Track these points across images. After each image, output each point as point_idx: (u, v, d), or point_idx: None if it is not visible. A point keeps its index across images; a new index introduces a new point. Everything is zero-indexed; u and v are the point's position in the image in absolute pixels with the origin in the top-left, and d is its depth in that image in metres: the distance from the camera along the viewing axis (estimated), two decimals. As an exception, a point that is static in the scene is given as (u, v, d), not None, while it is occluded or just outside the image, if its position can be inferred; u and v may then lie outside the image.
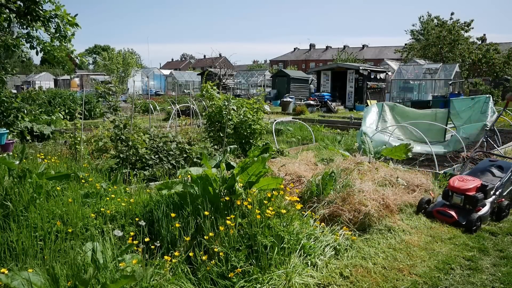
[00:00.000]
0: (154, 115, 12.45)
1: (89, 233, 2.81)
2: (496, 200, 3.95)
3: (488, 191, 3.85)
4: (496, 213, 3.93)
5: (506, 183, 4.16)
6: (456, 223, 3.72)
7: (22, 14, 6.03)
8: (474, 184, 3.82)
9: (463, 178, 3.96)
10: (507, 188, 4.20)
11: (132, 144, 4.73)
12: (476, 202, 3.73)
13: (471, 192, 3.78)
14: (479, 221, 3.68)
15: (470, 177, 3.95)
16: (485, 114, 6.84)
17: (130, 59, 31.02)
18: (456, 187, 3.83)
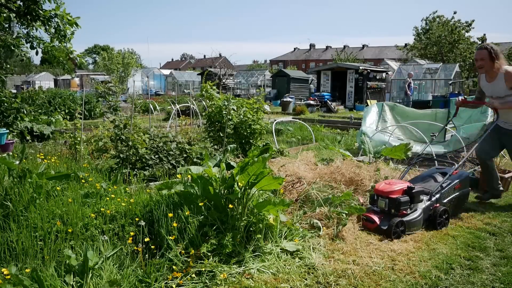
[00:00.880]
0: (154, 115, 12.46)
1: (89, 233, 2.81)
2: (431, 206, 3.67)
3: (416, 194, 3.52)
4: (431, 220, 3.65)
5: (446, 188, 3.85)
6: (378, 229, 3.45)
7: (22, 14, 6.04)
8: (399, 187, 3.53)
9: (390, 181, 3.67)
10: (448, 194, 3.88)
11: (132, 144, 4.73)
12: (398, 206, 3.42)
13: (395, 195, 3.48)
14: (403, 226, 3.41)
15: (399, 181, 3.71)
16: (485, 114, 6.83)
17: (130, 59, 31.03)
18: (380, 190, 3.55)
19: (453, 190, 3.89)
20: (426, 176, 4.09)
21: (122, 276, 2.43)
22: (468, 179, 4.10)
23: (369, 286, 2.64)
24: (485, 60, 4.05)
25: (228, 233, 2.84)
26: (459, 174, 4.04)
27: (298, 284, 2.63)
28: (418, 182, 3.97)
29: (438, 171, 4.15)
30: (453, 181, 3.91)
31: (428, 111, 8.19)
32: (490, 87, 4.22)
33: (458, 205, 4.02)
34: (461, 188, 3.98)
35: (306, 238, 3.27)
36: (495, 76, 4.12)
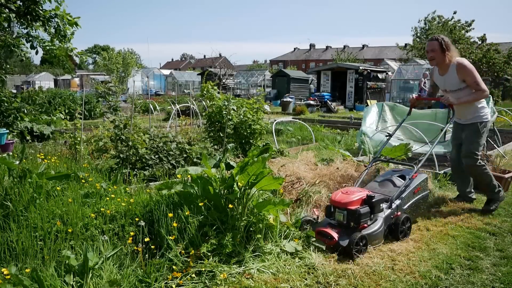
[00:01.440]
0: (154, 115, 12.46)
1: (89, 233, 2.81)
2: (392, 214, 3.36)
3: (376, 203, 3.18)
4: (392, 230, 3.33)
5: (406, 193, 3.54)
6: (337, 246, 3.02)
7: (22, 14, 6.04)
8: (358, 196, 3.15)
9: (347, 190, 3.29)
10: (408, 200, 3.58)
11: (132, 144, 4.73)
12: (358, 218, 3.05)
13: (354, 205, 3.10)
14: (364, 241, 3.03)
15: (357, 189, 3.34)
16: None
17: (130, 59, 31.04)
18: (336, 201, 3.14)
19: (412, 194, 3.63)
20: (384, 181, 3.75)
21: (122, 276, 2.44)
22: (426, 181, 3.87)
23: (369, 286, 2.64)
24: (436, 51, 3.88)
25: (228, 233, 2.84)
26: (418, 177, 3.76)
27: (298, 284, 2.63)
28: (376, 188, 3.65)
29: (395, 174, 3.86)
30: (412, 185, 3.63)
31: (428, 111, 8.18)
32: (442, 80, 4.08)
33: (418, 210, 3.79)
34: (421, 192, 3.76)
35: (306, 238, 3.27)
36: (447, 68, 3.97)
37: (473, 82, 3.85)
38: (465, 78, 3.86)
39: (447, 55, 3.88)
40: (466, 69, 3.84)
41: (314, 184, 4.10)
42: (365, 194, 3.21)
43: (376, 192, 3.45)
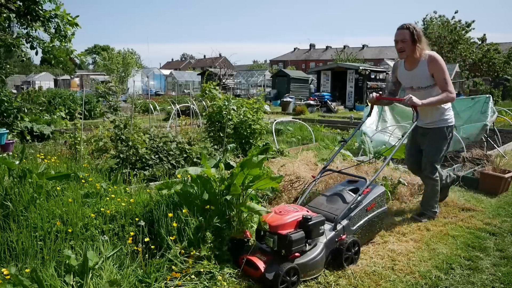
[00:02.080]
0: (154, 115, 12.45)
1: (89, 233, 2.81)
2: (337, 237, 2.84)
3: (314, 227, 2.64)
4: (336, 256, 2.82)
5: (355, 212, 3.01)
6: (263, 279, 2.53)
7: (22, 14, 6.04)
8: (292, 218, 2.63)
9: (282, 209, 2.76)
10: (358, 219, 3.04)
11: (132, 144, 4.73)
12: (289, 246, 2.52)
13: (286, 229, 2.58)
14: (294, 274, 2.53)
15: (294, 208, 2.78)
16: (485, 114, 6.84)
17: (130, 59, 31.05)
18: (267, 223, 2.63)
19: (365, 212, 3.09)
20: (334, 195, 3.19)
21: (122, 276, 2.44)
22: (384, 196, 3.31)
23: (369, 286, 2.64)
24: (407, 42, 3.38)
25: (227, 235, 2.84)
26: (372, 190, 3.22)
27: (299, 284, 2.62)
28: (322, 204, 3.12)
29: (349, 186, 3.31)
30: (365, 201, 3.11)
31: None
32: (409, 76, 3.59)
33: (373, 230, 3.26)
34: (376, 208, 3.20)
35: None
36: (416, 62, 3.49)
37: (442, 79, 3.38)
38: (434, 72, 3.40)
39: (417, 47, 3.41)
40: (438, 62, 3.39)
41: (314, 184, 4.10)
42: (301, 215, 2.66)
43: (321, 209, 2.98)
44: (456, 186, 5.05)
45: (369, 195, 3.15)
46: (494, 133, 7.94)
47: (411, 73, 3.56)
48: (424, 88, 3.53)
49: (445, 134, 3.62)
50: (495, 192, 4.77)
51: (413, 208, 4.22)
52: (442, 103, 3.46)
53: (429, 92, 3.49)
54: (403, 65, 3.62)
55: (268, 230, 2.65)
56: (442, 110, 3.60)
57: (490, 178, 4.87)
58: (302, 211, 2.76)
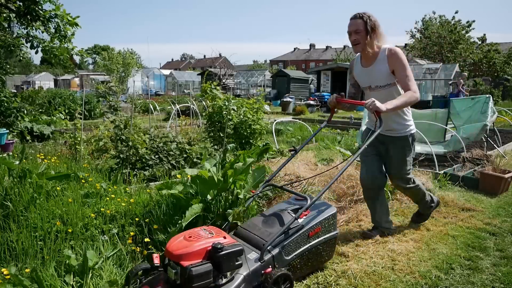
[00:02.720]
0: (154, 115, 12.45)
1: (89, 233, 2.81)
2: (263, 269, 2.31)
3: (226, 258, 2.13)
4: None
5: (292, 238, 2.47)
6: None
7: (22, 14, 6.04)
8: (199, 246, 2.12)
9: (194, 233, 2.22)
10: (296, 247, 2.50)
11: (132, 144, 4.73)
12: (190, 281, 2.03)
13: (191, 260, 2.09)
14: None
15: (209, 232, 2.23)
16: (485, 114, 6.83)
17: (130, 59, 31.04)
18: (169, 251, 2.13)
19: (306, 238, 2.54)
20: (272, 215, 2.67)
21: (122, 276, 2.44)
22: (335, 218, 2.76)
23: (369, 286, 2.64)
24: (361, 33, 2.91)
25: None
26: (319, 211, 2.70)
27: (297, 285, 2.63)
28: (257, 226, 2.60)
29: (293, 205, 2.76)
30: (308, 224, 2.57)
31: (428, 111, 8.18)
32: (367, 73, 3.10)
33: (316, 259, 2.68)
34: (322, 234, 2.65)
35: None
36: (374, 57, 3.01)
37: (404, 76, 2.91)
38: (395, 68, 2.93)
39: (373, 38, 2.93)
40: (399, 57, 2.92)
41: (314, 184, 4.10)
42: (211, 243, 2.14)
43: (253, 233, 2.52)
44: (456, 186, 5.06)
45: (313, 218, 2.61)
46: (494, 133, 7.94)
47: (368, 70, 3.07)
48: (383, 87, 3.04)
49: (409, 143, 3.19)
50: (495, 192, 4.77)
51: (413, 207, 4.22)
52: (407, 105, 2.95)
53: (390, 92, 3.01)
54: (360, 62, 3.15)
55: (170, 259, 2.13)
56: (403, 115, 3.14)
57: (490, 178, 4.87)
58: (217, 236, 2.20)
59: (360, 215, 3.85)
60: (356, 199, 4.08)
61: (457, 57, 26.95)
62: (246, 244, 2.42)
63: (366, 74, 3.10)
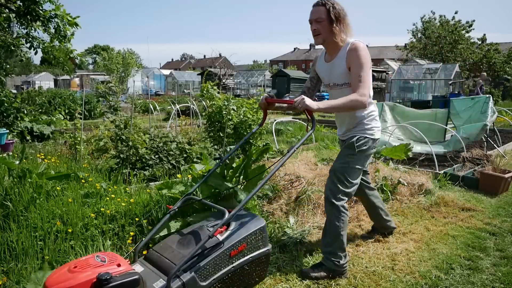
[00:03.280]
0: (154, 115, 12.45)
1: (89, 233, 2.81)
2: None
3: None
4: None
5: (210, 258, 2.06)
6: None
7: (22, 14, 6.04)
8: (81, 279, 1.76)
9: (82, 263, 1.85)
10: (215, 268, 2.08)
11: (132, 144, 4.73)
12: None
13: None
14: None
15: (101, 260, 1.87)
16: (485, 114, 6.84)
17: (130, 59, 31.06)
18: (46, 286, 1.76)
19: (227, 258, 2.12)
20: (190, 233, 2.24)
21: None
22: (264, 232, 2.29)
23: (369, 286, 2.64)
24: (323, 23, 2.52)
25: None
26: (243, 225, 2.24)
27: (297, 285, 2.63)
28: (169, 247, 2.17)
29: (215, 220, 2.35)
30: (228, 242, 2.13)
31: (428, 111, 8.19)
32: (327, 69, 2.72)
33: (244, 281, 2.25)
34: (248, 251, 2.21)
35: (305, 239, 3.27)
36: (336, 51, 2.63)
37: (356, 75, 2.49)
38: (351, 65, 2.53)
39: (335, 28, 2.52)
40: (359, 53, 2.50)
41: (314, 184, 4.10)
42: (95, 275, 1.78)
43: (164, 256, 2.10)
44: (456, 186, 5.06)
45: (235, 234, 2.17)
46: (494, 133, 7.95)
47: (329, 66, 2.70)
48: (340, 86, 2.67)
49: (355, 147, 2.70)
50: (495, 192, 4.77)
51: (413, 207, 4.22)
52: (346, 108, 2.51)
53: (349, 93, 2.55)
54: (324, 56, 2.77)
55: None
56: (361, 118, 2.74)
57: (490, 178, 4.87)
58: (109, 265, 1.85)
59: (361, 215, 3.85)
60: (356, 199, 4.08)
61: (457, 57, 26.95)
62: (154, 270, 2.03)
63: (326, 70, 2.72)
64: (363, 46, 2.54)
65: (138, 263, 2.10)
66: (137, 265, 2.07)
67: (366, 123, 2.75)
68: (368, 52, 2.54)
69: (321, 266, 2.73)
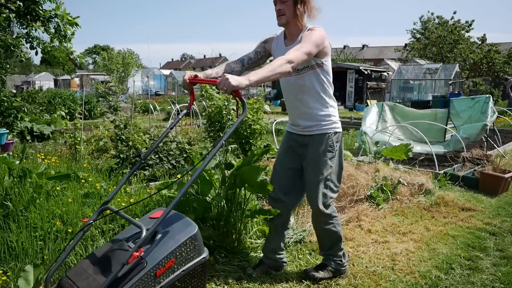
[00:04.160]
0: (154, 115, 12.45)
1: (89, 233, 2.81)
2: None
3: None
4: None
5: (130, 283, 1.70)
6: None
7: (22, 14, 6.04)
8: None
9: None
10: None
11: (132, 144, 4.73)
12: None
13: None
14: None
15: None
16: (485, 114, 6.84)
17: (129, 59, 31.05)
18: None
19: (153, 279, 1.76)
20: (108, 252, 1.90)
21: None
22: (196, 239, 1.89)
23: (369, 286, 2.64)
24: (288, 3, 2.31)
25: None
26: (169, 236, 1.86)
27: (297, 285, 2.63)
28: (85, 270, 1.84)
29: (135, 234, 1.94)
30: (152, 261, 1.77)
31: (428, 111, 8.19)
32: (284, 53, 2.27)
33: None
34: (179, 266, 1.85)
35: (305, 239, 3.28)
36: (297, 34, 2.39)
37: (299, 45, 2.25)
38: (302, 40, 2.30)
39: (299, 10, 2.32)
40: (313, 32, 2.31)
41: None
42: None
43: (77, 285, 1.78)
44: (456, 186, 5.06)
45: (160, 249, 1.81)
46: (494, 133, 7.95)
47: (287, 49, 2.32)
48: (300, 72, 2.39)
49: (331, 145, 2.46)
50: (495, 192, 4.77)
51: (413, 207, 4.22)
52: (274, 74, 2.09)
53: (309, 78, 2.39)
54: (283, 40, 2.50)
55: None
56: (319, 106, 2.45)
57: (490, 178, 4.87)
58: None
59: (361, 215, 3.85)
60: (356, 199, 4.08)
61: (457, 57, 26.94)
62: None
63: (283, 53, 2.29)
64: (319, 30, 2.34)
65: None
66: None
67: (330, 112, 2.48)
68: (323, 38, 2.32)
69: (324, 267, 2.69)
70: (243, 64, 2.57)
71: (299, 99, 2.46)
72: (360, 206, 4.00)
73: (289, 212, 2.73)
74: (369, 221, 3.77)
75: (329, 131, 2.46)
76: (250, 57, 2.60)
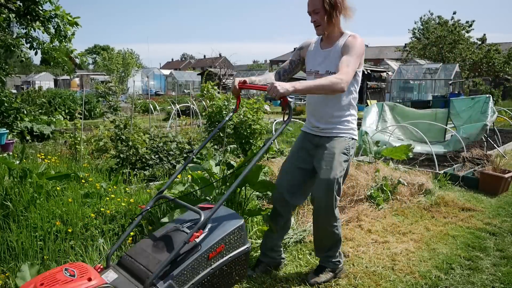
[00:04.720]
0: (154, 115, 12.45)
1: (89, 233, 2.81)
2: None
3: None
4: None
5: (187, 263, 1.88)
6: None
7: (22, 14, 6.04)
8: None
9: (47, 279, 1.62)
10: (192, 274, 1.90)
11: (132, 144, 4.73)
12: None
13: None
14: None
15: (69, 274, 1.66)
16: (485, 114, 6.84)
17: (130, 59, 31.06)
18: None
19: (205, 261, 1.95)
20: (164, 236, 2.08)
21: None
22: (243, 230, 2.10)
23: (369, 286, 2.64)
24: (320, 13, 2.41)
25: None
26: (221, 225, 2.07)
27: (298, 285, 2.63)
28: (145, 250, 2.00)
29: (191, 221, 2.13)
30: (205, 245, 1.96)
31: (428, 111, 8.20)
32: (321, 57, 2.53)
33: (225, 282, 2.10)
34: (227, 252, 2.04)
35: (305, 239, 3.28)
36: (334, 40, 2.49)
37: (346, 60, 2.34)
38: (345, 50, 2.41)
39: (333, 17, 2.42)
40: (357, 43, 2.40)
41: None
42: None
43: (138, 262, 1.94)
44: (456, 186, 5.06)
45: (213, 235, 2.01)
46: (494, 133, 7.95)
47: (326, 53, 2.52)
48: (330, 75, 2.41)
49: (347, 148, 2.55)
50: (495, 192, 4.77)
51: (413, 207, 4.22)
52: (322, 90, 2.28)
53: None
54: (319, 43, 2.61)
55: None
56: (344, 112, 2.55)
57: (490, 178, 4.88)
58: (79, 279, 1.64)
59: (361, 215, 3.85)
60: (357, 199, 4.08)
61: (457, 57, 26.94)
62: (129, 277, 1.89)
63: (320, 58, 2.53)
64: (360, 39, 2.44)
65: (111, 269, 1.94)
66: (110, 272, 1.92)
67: (350, 119, 2.58)
68: (363, 48, 2.44)
69: (323, 269, 2.67)
70: (279, 77, 2.76)
71: (326, 103, 2.53)
72: (360, 206, 4.00)
73: (290, 212, 2.76)
74: (369, 221, 3.77)
75: (347, 135, 2.56)
76: (285, 69, 2.78)
